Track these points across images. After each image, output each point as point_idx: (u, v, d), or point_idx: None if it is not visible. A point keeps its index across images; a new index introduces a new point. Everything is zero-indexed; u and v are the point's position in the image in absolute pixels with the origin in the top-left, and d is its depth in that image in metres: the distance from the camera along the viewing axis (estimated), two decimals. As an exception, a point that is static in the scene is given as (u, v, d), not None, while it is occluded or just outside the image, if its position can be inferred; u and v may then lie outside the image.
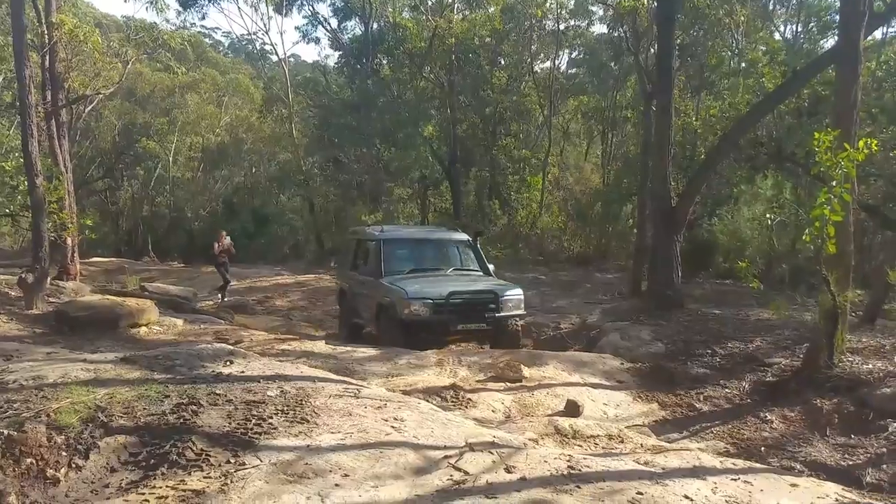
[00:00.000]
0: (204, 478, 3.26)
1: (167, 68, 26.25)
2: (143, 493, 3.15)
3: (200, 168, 33.26)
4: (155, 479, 3.29)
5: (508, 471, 3.49)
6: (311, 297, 15.70)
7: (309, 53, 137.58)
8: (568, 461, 3.71)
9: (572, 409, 5.74)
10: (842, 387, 6.31)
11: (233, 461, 3.42)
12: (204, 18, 53.29)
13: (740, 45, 20.65)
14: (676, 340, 8.74)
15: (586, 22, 27.21)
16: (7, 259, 20.17)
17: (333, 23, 30.11)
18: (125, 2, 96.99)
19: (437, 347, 7.97)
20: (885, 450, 5.30)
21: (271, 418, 3.95)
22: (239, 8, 40.74)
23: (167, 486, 3.19)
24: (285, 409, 4.12)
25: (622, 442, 4.97)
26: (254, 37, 35.59)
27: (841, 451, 5.41)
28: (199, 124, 32.38)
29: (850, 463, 5.22)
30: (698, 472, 3.86)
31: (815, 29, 22.46)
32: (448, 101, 24.94)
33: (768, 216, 13.34)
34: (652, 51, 15.16)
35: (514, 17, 25.11)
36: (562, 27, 26.57)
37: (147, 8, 22.05)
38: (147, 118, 30.77)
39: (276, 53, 32.65)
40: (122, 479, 3.35)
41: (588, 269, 19.97)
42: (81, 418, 3.74)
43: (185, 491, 3.13)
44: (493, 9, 25.14)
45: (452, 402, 5.79)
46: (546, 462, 3.67)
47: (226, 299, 14.64)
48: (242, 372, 4.96)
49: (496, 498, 3.14)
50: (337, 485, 3.18)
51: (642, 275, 13.01)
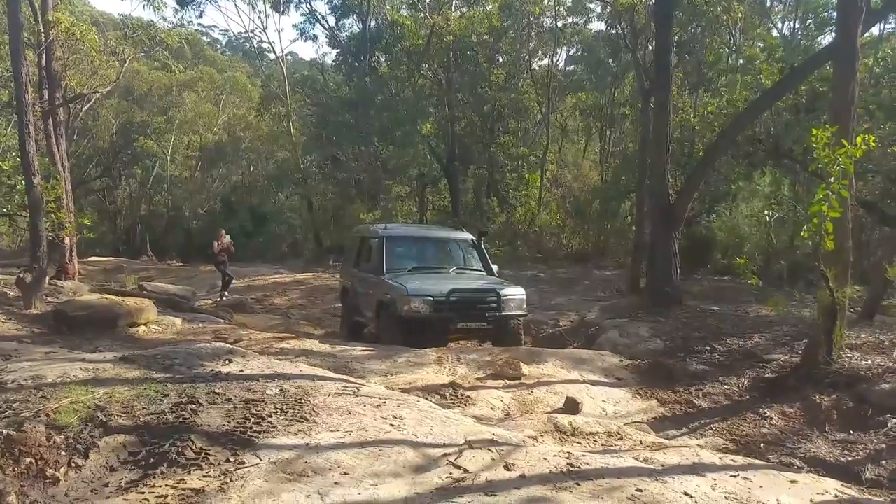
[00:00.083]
0: (203, 477, 3.26)
1: (164, 67, 26.21)
2: (143, 493, 3.15)
3: (198, 167, 33.16)
4: (154, 478, 3.30)
5: (508, 468, 3.49)
6: (309, 295, 15.69)
7: (306, 51, 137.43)
8: (567, 458, 3.71)
9: (571, 407, 5.75)
10: (841, 383, 6.32)
11: (232, 460, 3.42)
12: (201, 16, 53.03)
13: (738, 42, 20.69)
14: (675, 337, 8.75)
15: (584, 19, 27.32)
16: (5, 259, 20.13)
17: (331, 20, 30.05)
18: (122, 0, 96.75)
19: (437, 346, 7.90)
20: (884, 446, 5.30)
21: (270, 417, 3.95)
22: (236, 6, 40.38)
23: (167, 485, 3.19)
24: (284, 407, 4.12)
25: (621, 439, 4.98)
26: (251, 35, 35.67)
27: (840, 448, 5.42)
28: (196, 123, 32.32)
29: (850, 459, 5.22)
30: (697, 469, 3.86)
31: (813, 25, 22.52)
32: (446, 99, 24.89)
33: (766, 213, 13.37)
34: (650, 48, 15.12)
35: (512, 15, 25.07)
36: (560, 24, 26.60)
37: (144, 6, 21.99)
38: (145, 117, 30.68)
39: (274, 51, 32.50)
40: (122, 479, 3.35)
41: (586, 266, 19.96)
42: (80, 418, 3.74)
43: (184, 490, 3.13)
44: (490, 6, 25.09)
45: (451, 399, 5.79)
46: (545, 459, 3.67)
47: (225, 298, 14.63)
48: (241, 371, 4.96)
49: (496, 496, 3.14)
50: (336, 483, 3.18)
51: (641, 272, 13.00)
